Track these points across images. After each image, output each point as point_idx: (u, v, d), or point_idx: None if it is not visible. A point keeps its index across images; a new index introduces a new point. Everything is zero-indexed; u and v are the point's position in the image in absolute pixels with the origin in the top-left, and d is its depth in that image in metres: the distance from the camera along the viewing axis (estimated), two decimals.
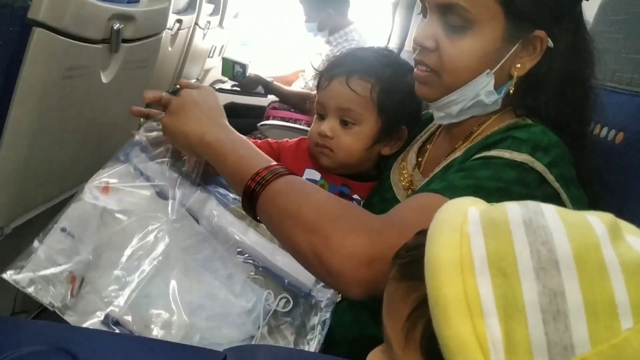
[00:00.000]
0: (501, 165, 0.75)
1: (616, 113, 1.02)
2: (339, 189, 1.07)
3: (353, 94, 1.01)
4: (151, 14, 1.23)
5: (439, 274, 0.41)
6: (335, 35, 2.79)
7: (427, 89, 0.88)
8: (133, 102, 1.38)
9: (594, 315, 0.37)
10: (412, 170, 0.99)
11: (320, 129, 1.04)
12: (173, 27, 2.00)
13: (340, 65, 1.04)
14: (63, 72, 0.94)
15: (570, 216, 0.43)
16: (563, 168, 0.78)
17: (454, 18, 0.82)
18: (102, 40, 1.06)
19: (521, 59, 0.85)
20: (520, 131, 0.80)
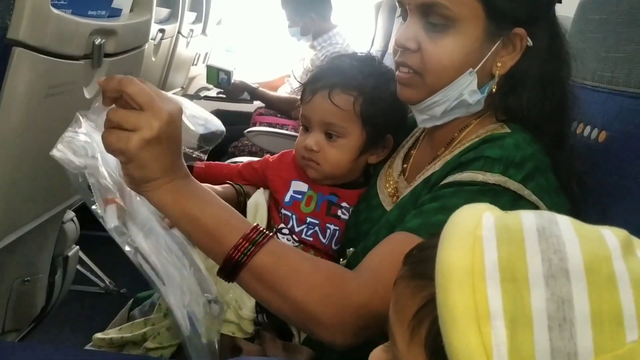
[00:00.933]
0: (474, 192, 0.76)
1: (598, 112, 1.03)
2: (327, 197, 1.08)
3: (336, 109, 1.01)
4: (133, 27, 1.23)
5: (449, 277, 0.41)
6: (319, 40, 2.79)
7: (410, 91, 0.88)
8: None
9: (600, 326, 0.38)
10: (398, 177, 0.99)
11: (305, 143, 1.04)
12: (156, 37, 1.99)
13: (321, 79, 1.04)
14: (45, 90, 0.94)
15: (584, 228, 0.43)
16: (539, 179, 0.79)
17: (435, 17, 0.82)
18: (83, 56, 1.05)
19: (501, 58, 0.86)
20: (492, 148, 0.80)
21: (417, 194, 0.88)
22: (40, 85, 0.92)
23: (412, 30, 0.85)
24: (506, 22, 0.84)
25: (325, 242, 1.05)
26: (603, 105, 1.02)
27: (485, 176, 0.77)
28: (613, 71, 1.00)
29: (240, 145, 2.67)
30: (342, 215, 1.07)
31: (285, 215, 1.07)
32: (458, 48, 0.83)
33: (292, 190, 1.08)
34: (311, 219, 1.06)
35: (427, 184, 0.86)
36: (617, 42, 1.00)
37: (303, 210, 1.06)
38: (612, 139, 0.97)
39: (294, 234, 1.06)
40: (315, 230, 1.05)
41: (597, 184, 0.96)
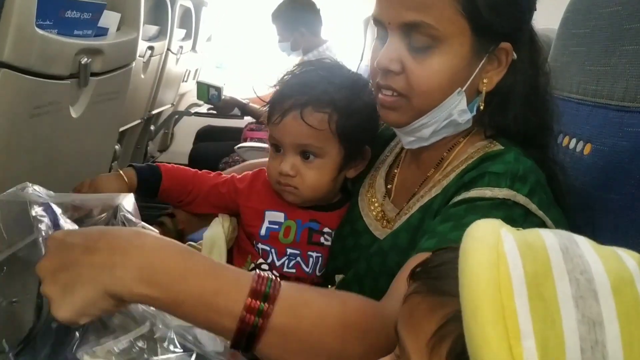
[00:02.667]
0: (487, 207, 0.74)
1: (584, 125, 1.03)
2: (308, 225, 1.00)
3: (310, 129, 0.92)
4: (119, 46, 1.23)
5: (477, 292, 0.40)
6: (309, 55, 2.81)
7: (396, 115, 0.84)
8: (105, 133, 1.38)
9: (630, 348, 0.38)
10: (383, 200, 0.95)
11: (280, 168, 0.95)
12: (145, 54, 2.00)
13: (290, 97, 0.94)
14: (30, 110, 0.93)
15: (603, 249, 0.44)
16: (541, 193, 0.77)
17: (420, 37, 0.78)
18: (69, 75, 1.05)
19: (487, 74, 0.83)
20: (495, 164, 0.79)
21: (413, 222, 0.85)
22: (26, 105, 0.92)
23: (394, 50, 0.80)
24: (492, 37, 0.81)
25: (309, 271, 1.00)
26: (588, 117, 1.03)
27: (494, 191, 0.75)
28: (597, 84, 1.01)
29: (230, 160, 2.67)
30: (324, 242, 1.00)
31: (263, 250, 0.99)
32: (445, 68, 0.79)
33: (267, 221, 1.00)
34: (292, 250, 0.99)
35: (428, 212, 0.83)
36: (601, 55, 1.01)
37: (282, 241, 0.99)
38: (598, 151, 0.97)
39: (274, 268, 0.99)
40: (297, 260, 0.99)
41: (583, 197, 0.96)
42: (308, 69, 1.00)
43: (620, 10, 0.96)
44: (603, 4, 1.02)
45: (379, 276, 0.85)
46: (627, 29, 0.94)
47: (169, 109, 2.82)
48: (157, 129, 2.73)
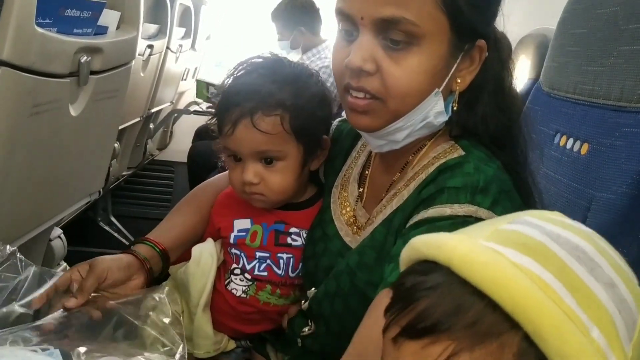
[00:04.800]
0: (447, 227, 0.69)
1: (580, 125, 1.04)
2: (273, 227, 1.00)
3: (265, 135, 0.89)
4: (119, 44, 1.23)
5: (534, 308, 0.41)
6: (308, 54, 2.81)
7: (369, 119, 0.78)
8: (104, 132, 1.38)
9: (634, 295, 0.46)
10: (355, 204, 0.92)
11: (243, 179, 0.93)
12: (144, 52, 2.00)
13: (236, 105, 0.90)
14: (30, 109, 0.94)
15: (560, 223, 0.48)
16: (505, 201, 0.73)
17: (397, 34, 0.73)
18: (69, 74, 1.05)
19: (460, 73, 0.79)
20: (454, 177, 0.74)
21: (378, 237, 0.82)
22: (25, 103, 0.92)
23: (367, 49, 0.74)
24: (469, 35, 0.77)
25: (281, 273, 0.99)
26: (584, 117, 1.03)
27: (453, 208, 0.71)
28: (594, 84, 1.02)
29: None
30: (292, 242, 0.99)
31: (235, 255, 1.00)
32: (424, 68, 0.74)
33: (235, 230, 1.00)
34: (261, 253, 0.99)
35: (390, 229, 0.80)
36: (597, 55, 1.02)
37: (249, 246, 0.99)
38: (594, 151, 0.98)
39: (246, 272, 0.99)
40: (268, 263, 0.99)
41: (580, 196, 0.97)
42: (248, 69, 0.96)
43: (618, 11, 0.97)
44: (600, 5, 1.03)
45: (349, 296, 0.83)
46: (624, 30, 0.94)
47: (168, 107, 2.82)
48: (156, 127, 2.73)
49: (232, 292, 1.01)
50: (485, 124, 0.81)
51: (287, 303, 1.01)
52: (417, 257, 0.49)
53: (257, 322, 1.03)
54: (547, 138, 1.12)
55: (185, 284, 1.00)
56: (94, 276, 0.86)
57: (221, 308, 1.02)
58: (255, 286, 1.00)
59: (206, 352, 1.01)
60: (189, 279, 0.99)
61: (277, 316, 1.02)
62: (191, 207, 1.08)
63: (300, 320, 0.96)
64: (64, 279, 0.86)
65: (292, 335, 0.97)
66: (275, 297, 1.00)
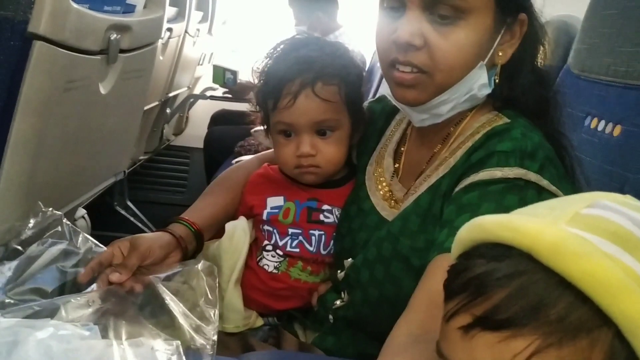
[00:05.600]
0: (499, 192, 0.72)
1: (613, 106, 1.03)
2: (306, 204, 1.01)
3: (326, 103, 0.92)
4: (146, 23, 1.23)
5: (632, 304, 0.39)
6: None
7: (415, 93, 0.80)
8: (130, 112, 1.38)
9: None
10: (391, 179, 0.93)
11: (300, 151, 0.94)
12: (164, 35, 1.99)
13: (294, 77, 0.92)
14: (63, 84, 0.94)
15: None
16: (550, 168, 0.75)
17: (445, 9, 0.75)
18: (99, 51, 1.06)
19: (501, 46, 0.81)
20: (502, 142, 0.76)
21: (422, 204, 0.82)
22: (60, 79, 0.92)
23: (415, 24, 0.76)
24: (512, 8, 0.79)
25: (313, 250, 1.00)
26: (618, 99, 1.02)
27: (504, 171, 0.72)
28: (628, 65, 1.01)
29: (246, 144, 2.67)
30: (325, 219, 1.00)
31: (268, 231, 1.01)
32: (470, 41, 0.77)
33: (268, 207, 1.01)
34: (293, 230, 1.00)
35: (437, 194, 0.81)
36: (631, 36, 1.00)
37: (282, 222, 1.00)
38: (628, 133, 0.97)
39: (277, 248, 1.00)
40: (300, 239, 1.00)
41: (613, 178, 0.96)
42: (292, 47, 0.98)
43: None
44: None
45: (391, 261, 0.83)
46: None
47: (185, 92, 2.82)
48: (173, 111, 2.73)
49: (264, 267, 1.01)
50: (525, 96, 0.82)
51: (317, 281, 1.02)
52: (483, 237, 0.46)
53: (287, 299, 1.03)
54: (577, 120, 1.11)
55: (218, 259, 1.00)
56: (138, 254, 0.88)
57: (252, 284, 1.02)
58: (286, 262, 1.00)
59: (235, 326, 1.01)
60: (222, 254, 1.00)
61: (307, 293, 1.02)
62: (223, 188, 1.09)
63: (331, 295, 0.97)
64: (107, 255, 0.87)
65: (323, 311, 0.97)
66: (306, 274, 1.01)
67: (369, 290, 0.87)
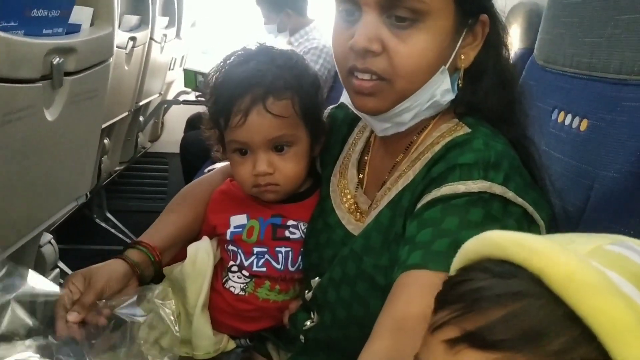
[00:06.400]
0: (463, 205, 0.68)
1: (578, 99, 1.00)
2: (270, 221, 0.98)
3: (279, 119, 0.89)
4: (94, 42, 1.18)
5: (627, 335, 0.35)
6: (296, 36, 2.75)
7: (375, 101, 0.77)
8: (86, 133, 1.33)
9: None
10: (355, 191, 0.90)
11: (257, 170, 0.91)
12: (127, 45, 1.94)
13: (244, 93, 0.89)
14: (0, 118, 0.89)
15: None
16: (517, 177, 0.72)
17: (403, 11, 0.72)
18: (41, 77, 1.01)
19: (463, 49, 0.79)
20: (464, 154, 0.73)
21: (383, 220, 0.80)
22: None
23: (372, 29, 0.73)
24: (473, 10, 0.77)
25: (281, 268, 0.97)
26: (583, 92, 0.99)
27: (467, 185, 0.69)
28: (591, 56, 0.97)
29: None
30: (291, 235, 0.97)
31: (232, 252, 0.98)
32: (431, 45, 0.74)
33: (232, 226, 0.97)
34: (258, 249, 0.97)
35: (397, 210, 0.78)
36: (594, 26, 0.97)
37: (246, 241, 0.97)
38: (594, 127, 0.93)
39: (243, 269, 0.97)
40: (266, 258, 0.97)
41: (580, 175, 0.93)
42: (242, 59, 0.94)
43: None
44: None
45: (356, 281, 0.81)
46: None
47: (157, 99, 2.77)
48: (146, 119, 2.68)
49: (230, 290, 0.98)
50: (489, 100, 0.80)
51: (286, 299, 0.99)
52: (491, 252, 0.43)
53: (257, 320, 1.00)
54: (544, 114, 1.08)
55: (182, 284, 0.97)
56: (93, 292, 0.86)
57: (220, 307, 0.99)
58: (253, 283, 0.97)
59: (206, 352, 0.98)
60: (186, 279, 0.96)
61: (277, 312, 1.00)
62: (185, 205, 1.05)
63: (302, 315, 0.94)
64: (66, 296, 0.84)
65: (295, 331, 0.95)
66: (275, 293, 0.98)
67: (337, 310, 0.84)
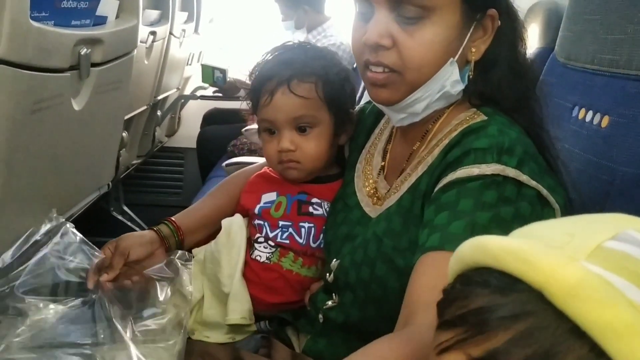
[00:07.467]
0: (477, 188, 0.72)
1: (600, 96, 1.00)
2: (296, 198, 1.05)
3: (301, 100, 0.97)
4: (119, 34, 1.20)
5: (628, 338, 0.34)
6: (313, 33, 2.76)
7: (388, 92, 0.82)
8: (110, 124, 1.36)
9: None
10: (377, 177, 0.95)
11: (280, 146, 1.00)
12: (147, 39, 1.96)
13: (273, 76, 0.99)
14: (31, 106, 0.91)
15: None
16: (531, 163, 0.75)
17: (410, 8, 0.77)
18: (70, 67, 1.03)
19: (474, 42, 0.83)
20: (479, 139, 0.76)
21: (405, 205, 0.84)
22: (25, 101, 0.90)
23: (382, 25, 0.78)
24: (480, 4, 0.81)
25: (302, 242, 1.03)
26: (604, 88, 0.99)
27: (481, 168, 0.73)
28: (614, 53, 0.98)
29: (238, 143, 2.65)
30: (314, 211, 1.04)
31: (259, 225, 1.05)
32: (438, 39, 0.78)
33: (262, 202, 1.06)
34: (283, 222, 1.04)
35: (416, 193, 0.82)
36: (617, 23, 0.97)
37: (273, 215, 1.04)
38: (616, 123, 0.94)
39: (269, 240, 1.04)
40: (290, 232, 1.04)
41: (601, 170, 0.93)
42: (280, 51, 1.05)
43: None
44: None
45: (375, 262, 0.84)
46: None
47: (175, 94, 2.79)
48: (163, 114, 2.70)
49: (256, 259, 1.04)
50: (502, 91, 0.83)
51: (309, 275, 1.04)
52: (487, 263, 0.41)
53: (280, 292, 1.05)
54: (564, 111, 1.09)
55: (217, 256, 1.04)
56: (119, 254, 1.00)
57: (247, 277, 1.04)
58: (278, 253, 1.03)
59: (242, 317, 1.01)
60: (221, 249, 1.04)
61: (299, 287, 1.04)
62: (221, 189, 1.17)
63: (322, 295, 0.98)
64: (101, 259, 1.00)
65: (314, 312, 0.98)
66: (298, 265, 1.04)
67: (357, 291, 0.88)
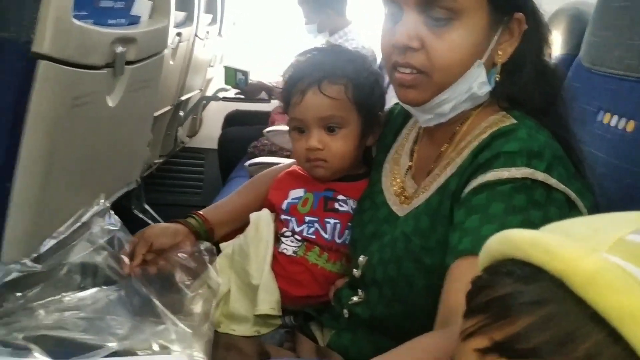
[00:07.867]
0: (508, 192, 0.73)
1: (625, 101, 1.01)
2: (323, 194, 1.07)
3: (331, 100, 1.00)
4: (152, 33, 1.23)
5: None
6: (335, 36, 2.78)
7: (416, 93, 0.83)
8: (140, 121, 1.39)
9: None
10: (405, 176, 0.96)
11: (308, 145, 1.02)
12: (173, 40, 2.00)
13: (304, 77, 1.02)
14: (70, 101, 0.95)
15: None
16: (559, 167, 0.76)
17: (439, 11, 0.78)
18: (105, 65, 1.06)
19: (501, 45, 0.84)
20: (508, 142, 0.77)
21: (433, 204, 0.85)
22: (66, 96, 0.93)
23: (411, 27, 0.80)
24: (507, 8, 0.82)
25: (328, 238, 1.05)
26: (631, 93, 1.00)
27: (511, 172, 0.74)
28: None
29: (259, 145, 2.67)
30: (339, 207, 1.06)
31: (285, 220, 1.08)
32: (466, 41, 0.80)
33: (290, 198, 1.09)
34: (310, 218, 1.06)
35: (445, 193, 0.83)
36: None
37: (300, 211, 1.07)
38: None
39: (295, 234, 1.06)
40: (316, 227, 1.06)
41: (627, 175, 0.94)
42: (313, 53, 1.08)
43: None
44: None
45: (403, 260, 0.85)
46: None
47: (197, 95, 2.83)
48: (186, 114, 2.74)
49: (283, 252, 1.06)
50: (528, 93, 0.84)
51: (334, 270, 1.05)
52: (513, 253, 0.43)
53: (306, 285, 1.06)
54: (589, 115, 1.09)
55: (245, 249, 1.07)
56: (143, 242, 1.03)
57: (274, 270, 1.06)
58: (304, 247, 1.05)
59: (271, 308, 1.03)
60: (249, 243, 1.07)
61: (324, 281, 1.05)
62: (249, 186, 1.21)
63: (347, 291, 0.98)
64: (129, 247, 1.04)
65: (339, 307, 0.99)
66: (323, 260, 1.05)
67: (384, 288, 0.89)
